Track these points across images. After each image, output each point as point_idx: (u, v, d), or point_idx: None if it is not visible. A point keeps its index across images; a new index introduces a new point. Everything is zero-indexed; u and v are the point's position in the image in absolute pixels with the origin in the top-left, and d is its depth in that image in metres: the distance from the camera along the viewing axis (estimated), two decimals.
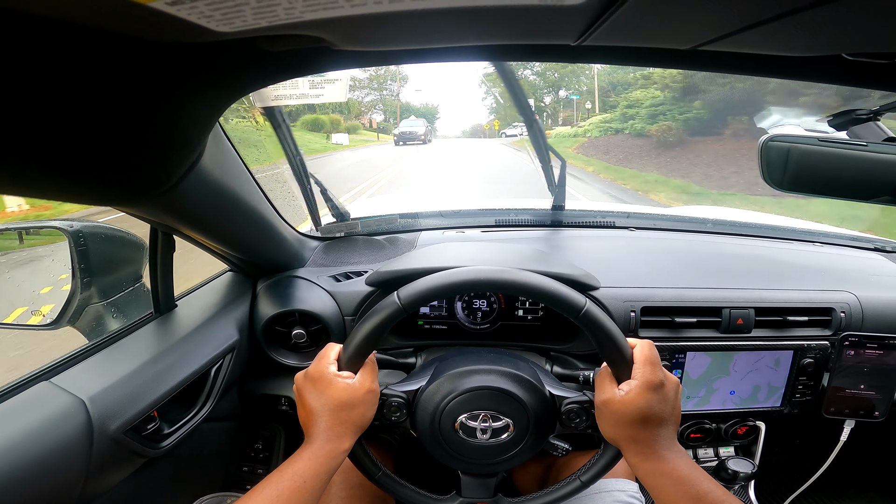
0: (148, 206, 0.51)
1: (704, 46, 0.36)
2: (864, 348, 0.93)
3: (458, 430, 0.69)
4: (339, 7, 0.25)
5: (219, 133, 0.57)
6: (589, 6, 0.28)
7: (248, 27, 0.27)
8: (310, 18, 0.27)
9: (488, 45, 0.37)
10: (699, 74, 11.23)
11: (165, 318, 0.80)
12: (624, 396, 0.61)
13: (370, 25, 0.30)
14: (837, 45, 0.36)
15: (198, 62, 0.34)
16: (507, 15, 0.29)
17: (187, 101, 0.38)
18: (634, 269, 1.07)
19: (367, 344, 0.64)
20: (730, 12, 0.30)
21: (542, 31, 0.34)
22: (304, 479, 0.58)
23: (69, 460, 0.57)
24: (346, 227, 1.17)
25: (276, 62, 0.38)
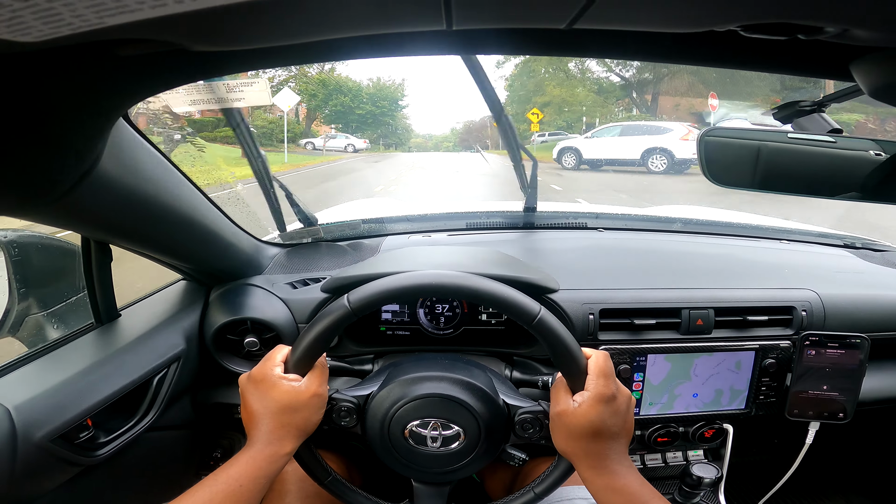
0: (41, 215, 0.50)
1: (578, 24, 0.34)
2: (825, 348, 0.91)
3: (407, 438, 0.68)
4: (134, 9, 0.24)
5: (130, 139, 0.56)
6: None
7: (52, 35, 0.26)
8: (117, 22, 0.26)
9: (360, 35, 0.35)
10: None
11: (107, 327, 0.79)
12: (577, 409, 0.60)
13: (213, 20, 0.29)
14: (727, 15, 0.34)
15: (47, 70, 0.33)
16: (348, 5, 0.28)
17: (57, 110, 0.38)
18: (597, 270, 1.06)
19: (314, 347, 0.63)
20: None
21: (406, 16, 0.33)
22: (240, 483, 0.57)
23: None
24: (309, 233, 1.16)
25: (137, 68, 0.37)
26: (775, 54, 0.45)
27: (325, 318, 0.62)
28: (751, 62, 0.46)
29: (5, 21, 0.23)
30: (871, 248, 1.22)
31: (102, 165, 0.48)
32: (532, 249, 1.17)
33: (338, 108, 27.20)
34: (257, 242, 1.06)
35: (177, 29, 0.29)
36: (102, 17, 0.25)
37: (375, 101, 29.10)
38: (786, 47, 0.41)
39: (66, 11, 0.23)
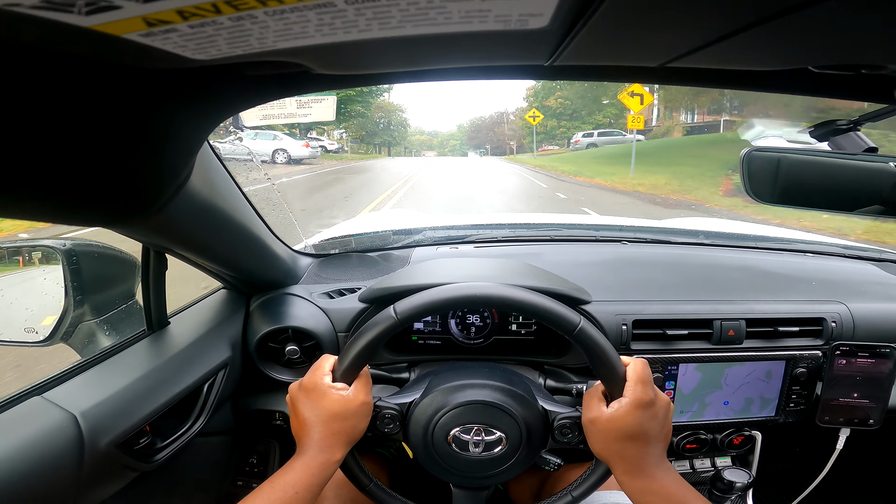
0: (136, 228, 0.52)
1: (673, 63, 0.37)
2: (856, 357, 0.94)
3: (450, 443, 0.69)
4: (310, 36, 0.26)
5: (207, 153, 0.59)
6: (552, 30, 0.29)
7: (224, 55, 0.28)
8: (283, 47, 0.28)
9: (464, 66, 0.38)
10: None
11: (158, 334, 0.80)
12: (613, 414, 0.62)
13: (344, 52, 0.31)
14: (802, 59, 0.38)
15: (180, 87, 0.35)
16: (475, 40, 0.31)
17: (172, 125, 0.40)
18: (626, 282, 1.08)
19: (362, 356, 0.64)
20: (688, 33, 0.31)
21: (514, 53, 0.35)
22: (295, 491, 0.59)
23: (60, 474, 0.57)
24: (339, 244, 1.18)
25: (257, 86, 0.39)
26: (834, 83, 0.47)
27: (372, 328, 0.64)
28: (812, 90, 0.49)
29: (199, 40, 0.25)
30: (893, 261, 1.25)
31: (191, 180, 0.50)
32: (558, 262, 1.19)
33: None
34: (292, 252, 1.08)
35: (319, 57, 0.31)
36: (277, 42, 0.27)
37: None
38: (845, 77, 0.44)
39: (255, 34, 0.25)
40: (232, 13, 0.21)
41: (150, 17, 0.20)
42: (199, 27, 0.22)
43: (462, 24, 0.27)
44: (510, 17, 0.27)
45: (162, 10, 0.20)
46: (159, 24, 0.21)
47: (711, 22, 0.30)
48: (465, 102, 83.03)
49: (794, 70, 0.41)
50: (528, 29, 0.29)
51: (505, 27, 0.28)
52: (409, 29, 0.27)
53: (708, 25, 0.30)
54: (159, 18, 0.21)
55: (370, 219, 1.68)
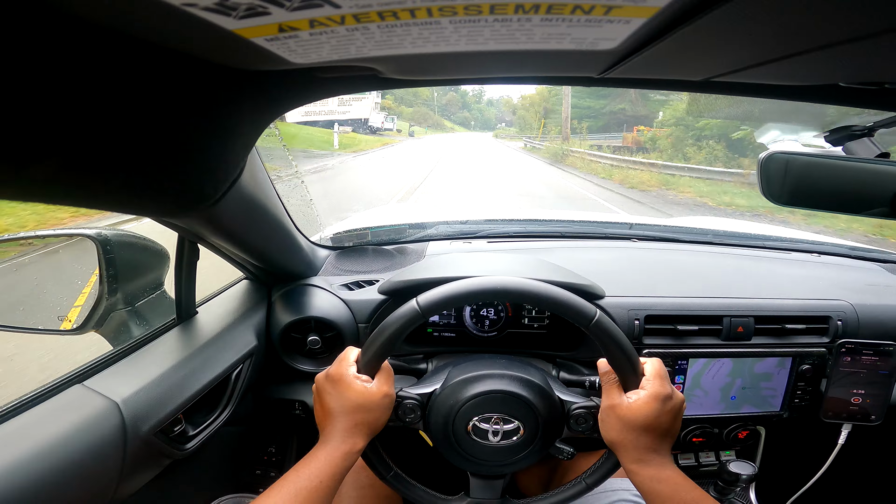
0: (192, 219, 0.53)
1: (716, 78, 0.40)
2: (861, 355, 0.97)
3: (470, 433, 0.72)
4: (404, 47, 0.28)
5: (254, 151, 0.60)
6: (616, 51, 0.31)
7: (320, 60, 0.30)
8: (374, 55, 0.30)
9: (518, 76, 0.40)
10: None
11: (187, 324, 0.82)
12: (632, 403, 0.64)
13: (423, 62, 0.33)
14: (834, 77, 0.40)
15: (253, 84, 0.37)
16: (545, 56, 0.33)
17: (236, 119, 0.41)
18: (638, 278, 1.10)
19: (385, 348, 0.66)
20: (736, 56, 0.34)
21: (573, 67, 0.37)
22: (320, 480, 0.60)
23: (105, 461, 0.59)
24: (356, 237, 1.20)
25: (322, 85, 0.41)
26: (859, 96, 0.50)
27: (395, 321, 0.65)
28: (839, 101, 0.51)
29: (312, 46, 0.27)
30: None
31: (243, 175, 0.52)
32: (570, 258, 1.21)
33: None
34: (312, 245, 1.10)
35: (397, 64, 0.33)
36: (371, 51, 0.29)
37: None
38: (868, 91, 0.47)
39: (358, 42, 0.27)
40: (352, 24, 0.23)
41: (284, 24, 0.22)
42: (318, 35, 0.24)
43: (540, 43, 0.29)
44: (585, 40, 0.29)
45: (298, 19, 0.21)
46: (288, 31, 0.23)
47: (760, 48, 0.32)
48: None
49: (825, 85, 0.44)
50: (596, 50, 0.31)
51: (577, 48, 0.30)
52: (492, 45, 0.29)
53: (757, 50, 0.32)
54: (291, 25, 0.22)
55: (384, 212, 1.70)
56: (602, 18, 0.24)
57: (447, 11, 0.23)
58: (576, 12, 0.23)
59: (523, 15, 0.24)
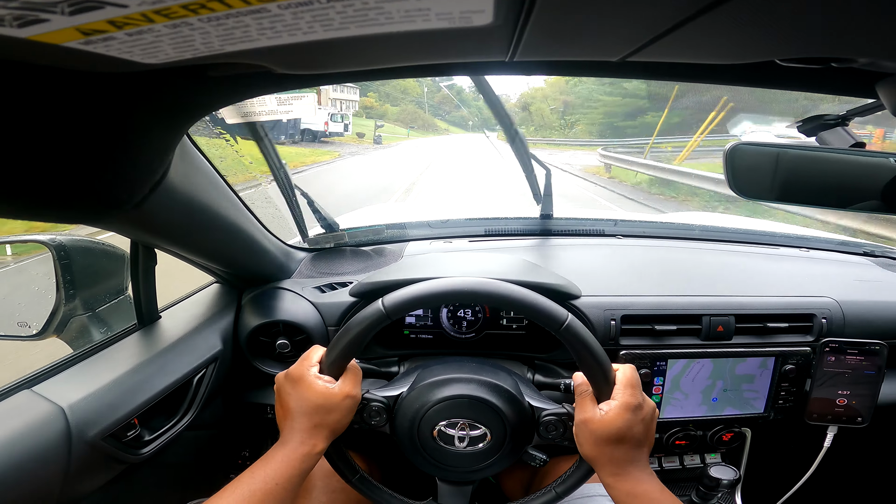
0: (116, 223, 0.53)
1: (633, 57, 0.37)
2: (845, 354, 0.93)
3: (436, 437, 0.70)
4: (255, 39, 0.27)
5: (189, 151, 0.59)
6: (500, 26, 0.29)
7: (174, 59, 0.28)
8: (231, 50, 0.28)
9: (426, 63, 0.38)
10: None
11: (149, 328, 0.82)
12: (604, 416, 0.62)
13: (298, 53, 0.31)
14: (764, 52, 0.37)
15: (144, 89, 0.36)
16: (428, 38, 0.31)
17: (142, 124, 0.40)
18: (617, 277, 1.08)
19: (349, 349, 0.65)
20: (634, 25, 0.31)
21: (471, 50, 0.35)
22: (276, 482, 0.59)
23: (48, 465, 0.59)
24: (333, 238, 1.19)
25: (223, 87, 0.40)
26: (806, 77, 0.47)
27: (359, 321, 0.64)
28: (782, 83, 0.49)
29: (143, 45, 0.25)
30: (891, 257, 1.24)
31: (169, 177, 0.51)
32: (552, 256, 1.19)
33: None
34: (285, 247, 1.09)
35: (277, 57, 0.32)
36: (225, 45, 0.27)
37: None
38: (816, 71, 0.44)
39: (200, 39, 0.26)
40: (165, 21, 0.22)
41: (83, 28, 0.21)
42: (137, 35, 0.23)
43: (405, 22, 0.27)
44: (452, 15, 0.27)
45: (92, 21, 0.20)
46: (95, 34, 0.22)
47: (656, 12, 0.29)
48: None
49: (762, 63, 0.41)
50: (476, 26, 0.29)
51: (450, 24, 0.28)
52: (353, 30, 0.27)
53: (653, 15, 0.30)
54: (93, 28, 0.21)
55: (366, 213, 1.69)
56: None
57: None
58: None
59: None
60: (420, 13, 0.26)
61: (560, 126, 28.89)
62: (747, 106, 4.19)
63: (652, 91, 16.79)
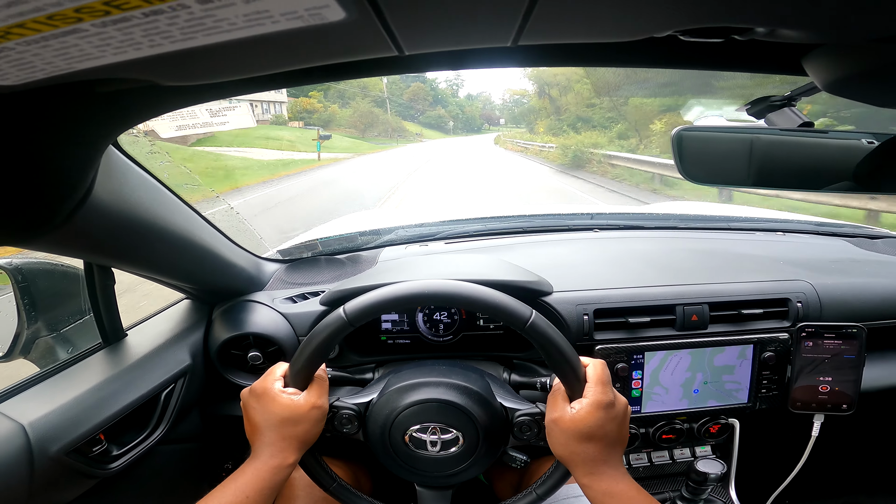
0: (44, 243, 0.53)
1: (524, 42, 0.36)
2: (823, 339, 0.91)
3: (408, 443, 0.70)
4: (98, 57, 0.26)
5: (121, 166, 0.59)
6: (361, 20, 0.29)
7: (29, 79, 0.28)
8: (81, 67, 0.28)
9: (314, 66, 0.37)
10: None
11: (114, 346, 0.82)
12: (574, 414, 0.61)
13: (168, 65, 0.31)
14: (648, 24, 0.35)
15: (24, 109, 0.36)
16: (293, 39, 0.30)
17: (42, 144, 0.40)
18: (591, 271, 1.07)
19: (313, 359, 0.64)
20: (499, 4, 0.30)
21: (352, 49, 0.35)
22: (246, 495, 0.59)
23: (9, 480, 0.60)
24: (307, 248, 1.19)
25: (119, 104, 0.40)
26: (727, 54, 0.46)
27: (321, 331, 0.64)
28: (704, 62, 0.47)
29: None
30: (867, 236, 1.21)
31: (97, 193, 0.51)
32: (528, 253, 1.18)
33: None
34: (256, 259, 1.09)
35: (144, 70, 0.32)
36: (71, 64, 0.27)
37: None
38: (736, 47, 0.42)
39: (37, 60, 0.26)
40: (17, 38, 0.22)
41: None
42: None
43: (252, 27, 0.27)
44: (298, 13, 0.27)
45: None
46: None
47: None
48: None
49: (665, 39, 0.40)
50: (336, 21, 0.28)
51: (303, 24, 0.28)
52: (201, 39, 0.27)
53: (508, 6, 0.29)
54: None
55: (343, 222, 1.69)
56: None
57: (86, 13, 0.21)
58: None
59: (173, 1, 0.22)
60: (262, 15, 0.26)
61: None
62: (696, 90, 4.04)
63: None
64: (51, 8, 0.20)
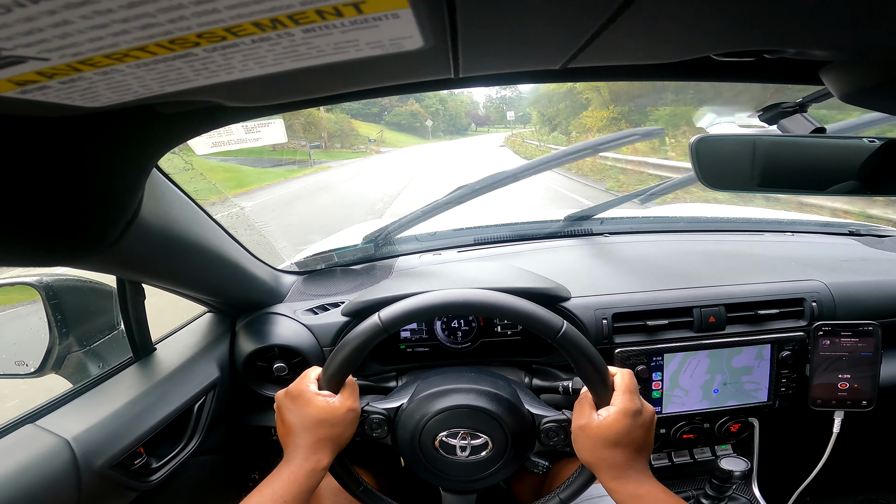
0: (94, 264, 0.54)
1: (573, 64, 0.39)
2: (839, 337, 0.92)
3: (437, 448, 0.71)
4: (191, 80, 0.28)
5: (161, 185, 0.61)
6: (435, 48, 0.31)
7: (117, 101, 0.30)
8: (172, 90, 0.30)
9: (376, 87, 0.39)
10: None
11: (145, 361, 0.84)
12: (602, 421, 0.62)
13: (244, 89, 0.33)
14: (692, 49, 0.38)
15: (97, 130, 0.38)
16: (371, 64, 0.32)
17: (102, 165, 0.42)
18: (606, 276, 1.08)
19: (347, 363, 0.65)
20: (565, 33, 0.32)
21: (416, 71, 0.37)
22: (284, 500, 0.60)
23: (59, 496, 0.60)
24: (323, 259, 1.20)
25: (178, 122, 0.41)
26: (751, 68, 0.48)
27: (357, 336, 0.65)
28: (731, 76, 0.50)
29: (80, 91, 0.27)
30: (876, 235, 1.23)
31: (143, 213, 0.53)
32: (540, 260, 1.19)
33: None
34: (275, 272, 1.11)
35: (222, 92, 0.33)
36: (164, 87, 0.29)
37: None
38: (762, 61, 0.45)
39: (136, 83, 0.27)
40: (94, 69, 0.23)
41: (15, 79, 0.22)
42: (70, 82, 0.24)
43: (338, 54, 0.29)
44: (382, 43, 0.28)
45: (22, 73, 0.22)
46: (29, 83, 0.23)
47: (577, 20, 0.31)
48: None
49: (699, 59, 0.42)
50: (410, 50, 0.30)
51: (383, 52, 0.30)
52: (289, 64, 0.29)
53: (575, 23, 0.31)
54: (25, 79, 0.23)
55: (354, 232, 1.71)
56: (368, 17, 0.24)
57: (187, 42, 0.23)
58: (328, 17, 0.23)
59: (282, 30, 0.24)
60: (350, 44, 0.27)
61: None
62: (711, 99, 4.02)
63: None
64: (179, 32, 0.21)
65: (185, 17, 0.20)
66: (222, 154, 7.45)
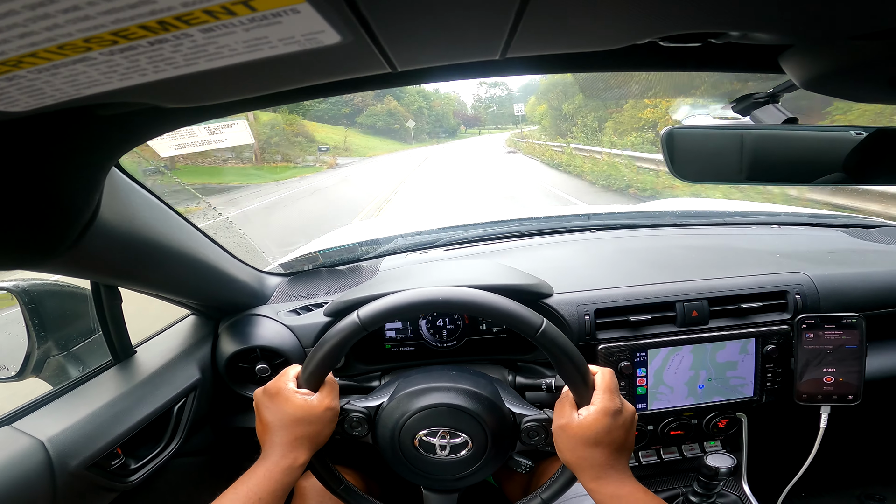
0: (59, 267, 0.55)
1: (511, 54, 0.38)
2: (823, 330, 0.91)
3: (417, 447, 0.71)
4: (105, 83, 0.28)
5: (124, 187, 0.61)
6: (357, 41, 0.30)
7: (38, 105, 0.30)
8: (89, 93, 0.30)
9: (314, 85, 0.39)
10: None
11: (124, 363, 0.84)
12: (582, 420, 0.62)
13: (175, 87, 0.32)
14: (636, 33, 0.37)
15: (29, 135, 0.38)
16: (297, 61, 0.32)
17: (47, 168, 0.42)
18: (590, 271, 1.08)
19: (326, 362, 0.65)
20: (485, 23, 0.32)
21: (350, 67, 0.36)
22: (259, 497, 0.60)
23: (34, 496, 0.61)
24: (309, 260, 1.20)
25: (120, 126, 0.41)
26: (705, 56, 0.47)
27: (335, 334, 0.65)
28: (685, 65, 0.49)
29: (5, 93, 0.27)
30: (862, 226, 1.21)
31: (102, 215, 0.53)
32: (526, 256, 1.19)
33: None
34: (259, 273, 1.11)
35: (148, 94, 0.33)
36: (79, 90, 0.29)
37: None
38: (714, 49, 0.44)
39: (47, 87, 0.27)
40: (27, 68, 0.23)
41: None
42: None
43: (254, 52, 0.28)
44: (296, 39, 0.28)
45: None
46: None
47: (492, 7, 0.30)
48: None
49: (646, 45, 0.41)
50: (331, 45, 0.30)
51: (300, 48, 0.29)
52: (204, 64, 0.29)
53: (493, 10, 0.30)
54: None
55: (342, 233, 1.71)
56: (266, 14, 0.24)
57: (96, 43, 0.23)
58: (220, 17, 0.23)
59: (176, 31, 0.24)
60: (262, 41, 0.27)
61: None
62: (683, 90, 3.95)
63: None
64: (61, 38, 0.21)
65: (59, 24, 0.20)
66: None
